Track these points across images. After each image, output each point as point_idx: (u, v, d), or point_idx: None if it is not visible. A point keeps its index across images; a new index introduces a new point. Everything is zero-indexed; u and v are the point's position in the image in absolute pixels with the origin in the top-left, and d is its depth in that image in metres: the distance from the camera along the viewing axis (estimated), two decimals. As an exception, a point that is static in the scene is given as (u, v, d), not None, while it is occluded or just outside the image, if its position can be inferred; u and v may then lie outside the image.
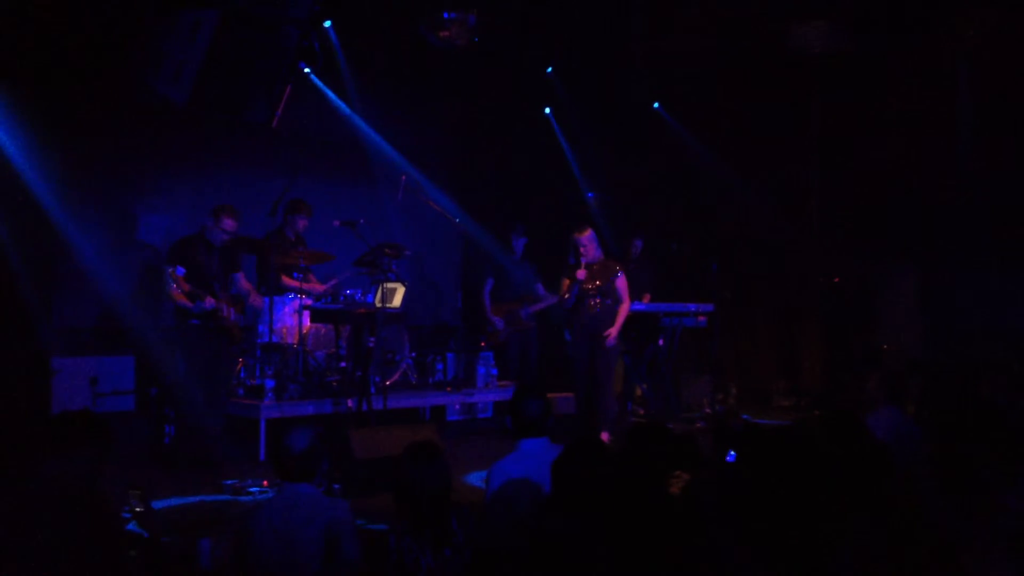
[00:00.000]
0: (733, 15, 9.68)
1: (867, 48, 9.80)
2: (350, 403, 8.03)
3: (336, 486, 6.35)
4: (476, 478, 6.76)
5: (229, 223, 7.35)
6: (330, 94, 10.07)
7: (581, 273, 8.18)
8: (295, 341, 8.40)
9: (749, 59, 10.36)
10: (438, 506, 3.65)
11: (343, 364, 8.54)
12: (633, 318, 9.63)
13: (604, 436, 7.83)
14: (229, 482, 6.52)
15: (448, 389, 9.45)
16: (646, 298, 10.07)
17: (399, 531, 3.64)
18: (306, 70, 9.40)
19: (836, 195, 11.03)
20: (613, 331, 8.25)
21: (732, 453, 4.05)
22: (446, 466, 3.72)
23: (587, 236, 8.23)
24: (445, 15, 9.13)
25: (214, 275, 7.34)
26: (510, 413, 4.51)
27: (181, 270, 7.01)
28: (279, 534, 3.72)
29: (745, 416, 9.28)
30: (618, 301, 8.36)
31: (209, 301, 7.12)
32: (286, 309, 8.51)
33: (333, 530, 3.72)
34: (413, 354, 9.53)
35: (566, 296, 8.34)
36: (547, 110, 11.61)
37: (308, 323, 8.60)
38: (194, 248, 7.29)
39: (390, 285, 8.49)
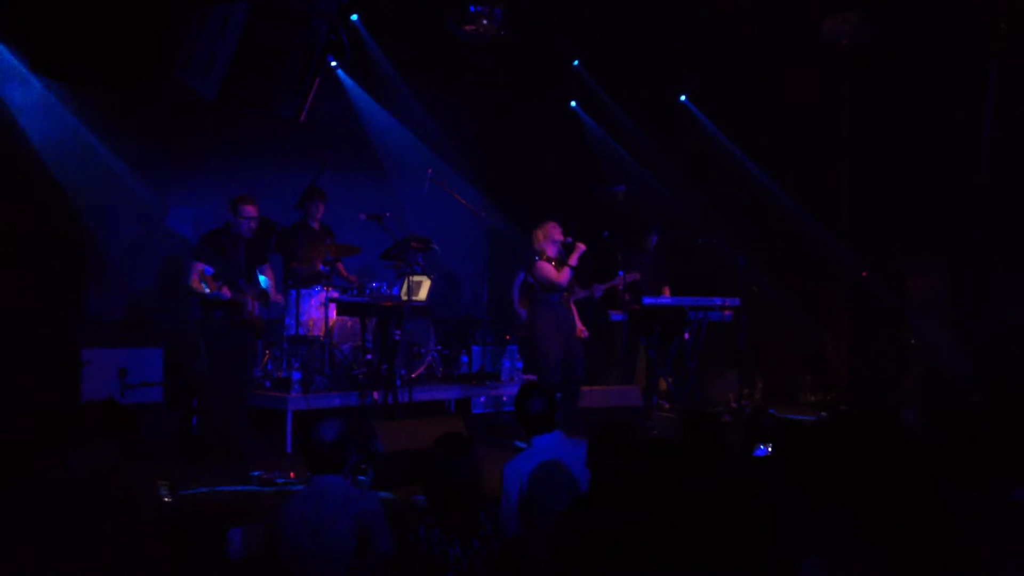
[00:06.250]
0: (764, 7, 9.62)
1: (898, 44, 9.71)
2: (376, 396, 8.06)
3: (362, 478, 6.38)
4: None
5: (249, 210, 7.37)
6: (357, 88, 10.10)
7: (581, 246, 8.02)
8: (321, 334, 8.43)
9: (779, 53, 10.29)
10: (467, 498, 3.67)
11: (369, 357, 8.57)
12: (659, 312, 9.61)
13: None
14: (256, 473, 6.56)
15: (473, 382, 9.46)
16: (666, 291, 10.03)
17: (428, 522, 3.66)
18: (333, 64, 9.42)
19: (865, 189, 10.94)
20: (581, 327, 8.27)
21: (762, 448, 4.04)
22: (476, 458, 3.74)
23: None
24: (471, 8, 9.13)
25: (240, 269, 7.37)
26: (516, 414, 4.60)
27: (209, 270, 7.03)
28: (310, 525, 3.73)
29: (772, 411, 9.24)
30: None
31: (225, 292, 7.12)
32: (312, 302, 8.54)
33: (365, 522, 3.73)
34: (438, 347, 9.55)
35: (560, 281, 8.03)
36: (573, 103, 11.58)
37: (334, 316, 8.63)
38: (220, 242, 7.32)
39: (416, 278, 8.50)
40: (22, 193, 7.56)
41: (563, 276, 8.00)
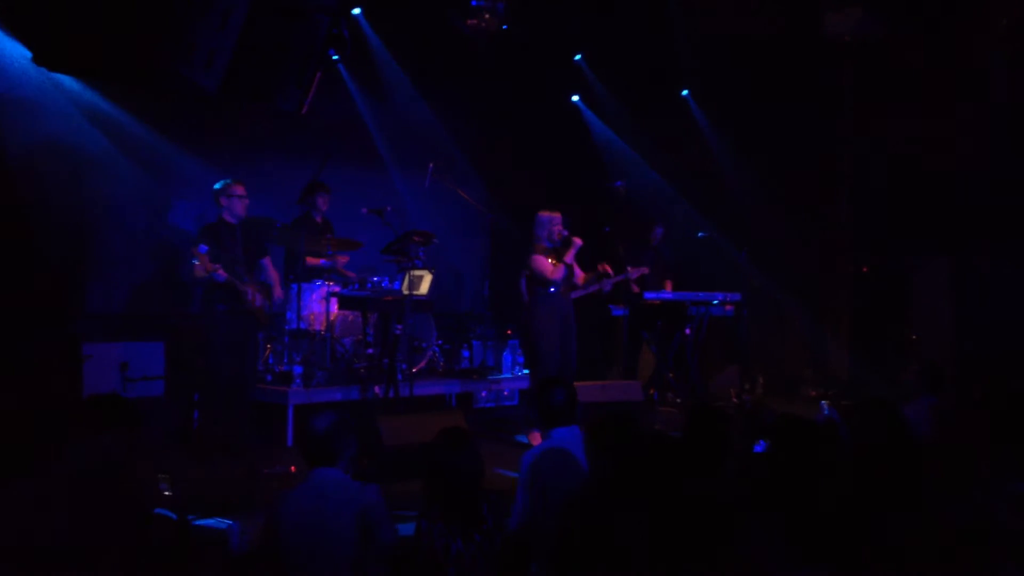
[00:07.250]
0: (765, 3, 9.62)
1: (900, 36, 9.70)
2: (377, 390, 8.07)
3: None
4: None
5: (239, 189, 7.36)
6: (359, 82, 10.09)
7: (578, 241, 7.91)
8: (323, 328, 8.43)
9: (782, 46, 10.28)
10: (469, 492, 3.67)
11: (370, 351, 8.58)
12: (660, 307, 9.61)
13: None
14: (257, 466, 6.56)
15: (474, 377, 9.47)
16: (668, 285, 10.03)
17: (430, 516, 3.66)
18: (335, 57, 9.41)
19: (867, 183, 10.93)
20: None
21: (762, 443, 4.04)
22: (478, 452, 3.74)
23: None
24: (473, 3, 9.12)
25: (237, 258, 7.36)
26: (537, 405, 4.62)
27: (204, 247, 7.01)
28: (310, 519, 3.73)
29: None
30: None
31: (220, 273, 7.10)
32: (314, 296, 8.55)
33: (368, 516, 3.73)
34: (440, 341, 9.55)
35: (555, 278, 7.90)
36: (575, 98, 11.57)
37: (335, 310, 8.63)
38: (218, 233, 7.32)
39: (417, 272, 8.50)
40: (23, 187, 7.56)
41: (557, 273, 7.90)
